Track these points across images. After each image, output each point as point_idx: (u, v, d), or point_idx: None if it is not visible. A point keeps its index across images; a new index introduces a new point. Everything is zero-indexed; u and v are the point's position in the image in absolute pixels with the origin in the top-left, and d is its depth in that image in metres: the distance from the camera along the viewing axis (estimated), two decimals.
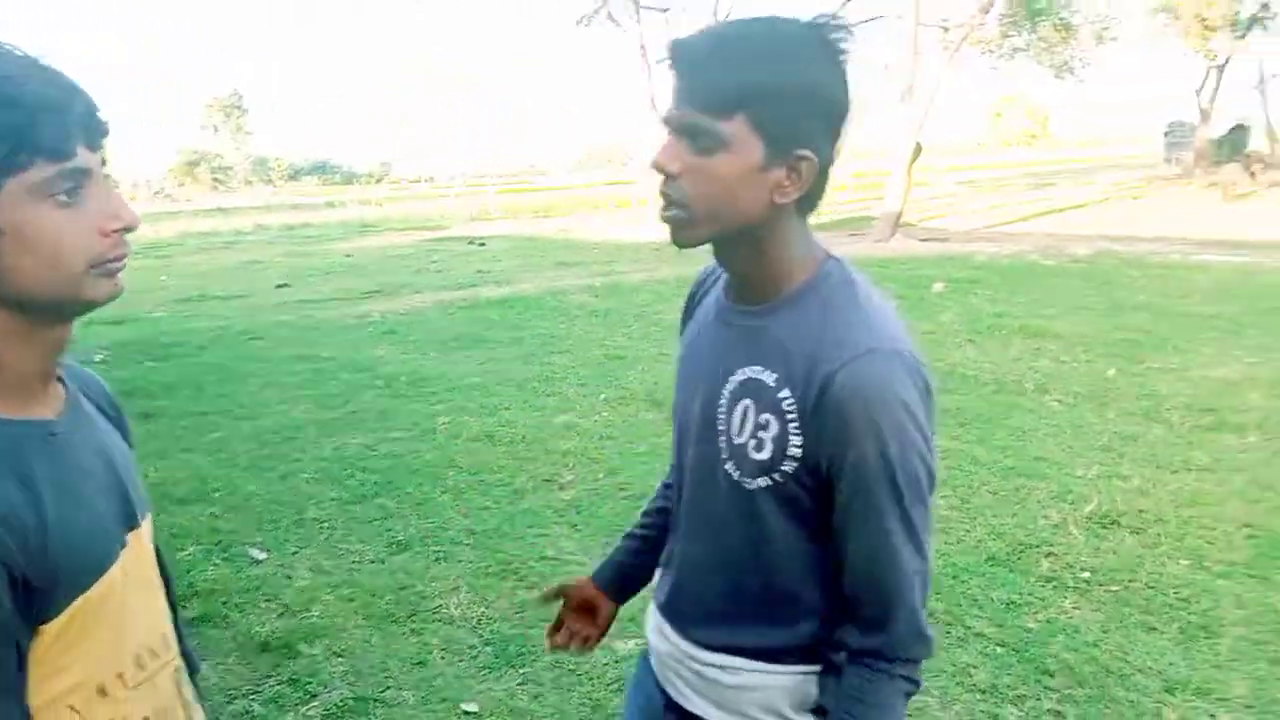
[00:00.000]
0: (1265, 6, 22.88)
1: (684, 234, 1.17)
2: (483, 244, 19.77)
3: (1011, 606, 3.55)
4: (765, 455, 1.17)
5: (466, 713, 3.04)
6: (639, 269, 14.37)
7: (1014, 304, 9.81)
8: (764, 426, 1.17)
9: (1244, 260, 12.32)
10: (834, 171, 1.17)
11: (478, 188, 39.63)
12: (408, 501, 4.80)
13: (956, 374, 6.91)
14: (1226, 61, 24.51)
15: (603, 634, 1.64)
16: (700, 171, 1.11)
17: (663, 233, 1.19)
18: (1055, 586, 3.70)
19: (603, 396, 6.71)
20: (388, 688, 3.18)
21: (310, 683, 3.21)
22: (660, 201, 1.16)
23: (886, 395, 1.11)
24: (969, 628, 3.41)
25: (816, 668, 1.26)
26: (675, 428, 1.37)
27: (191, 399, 7.02)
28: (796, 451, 1.15)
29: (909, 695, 1.22)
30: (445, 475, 5.15)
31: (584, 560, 4.06)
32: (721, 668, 1.30)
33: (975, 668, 3.16)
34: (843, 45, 1.11)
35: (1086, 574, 3.80)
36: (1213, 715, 2.86)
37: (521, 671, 3.26)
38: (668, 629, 1.38)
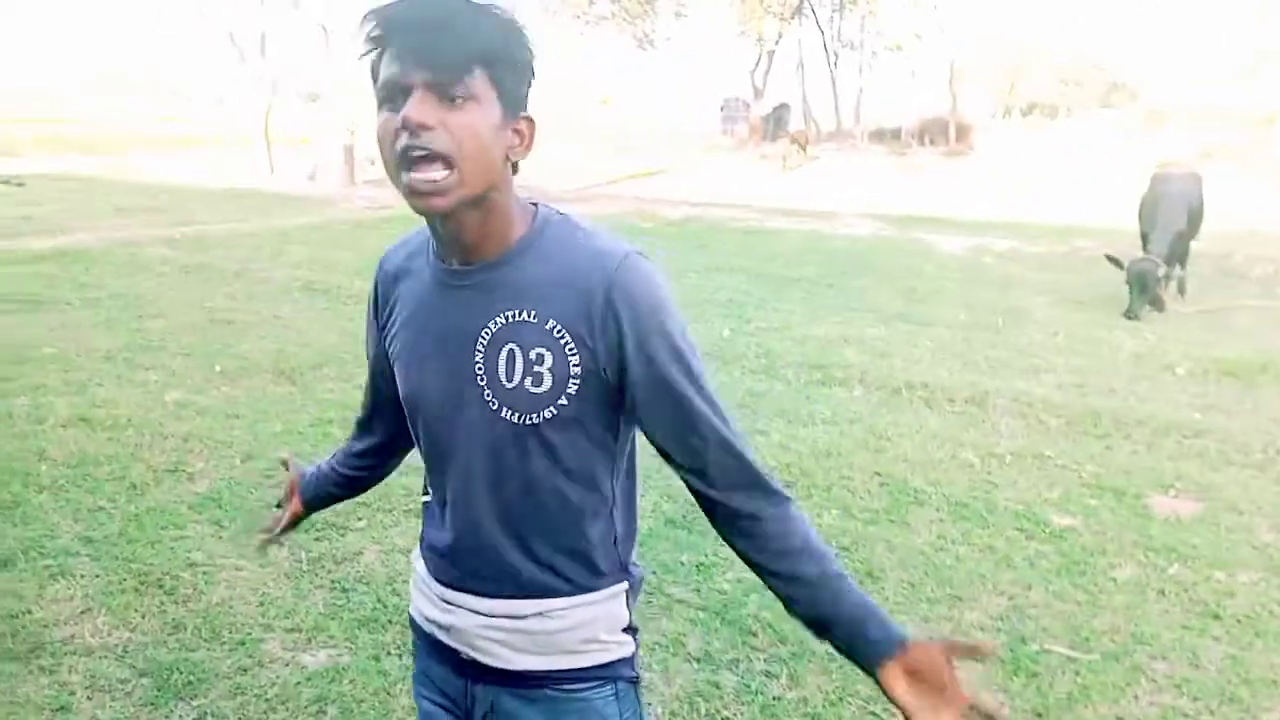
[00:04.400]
0: None
1: (449, 198, 1.16)
2: (21, 184, 16.87)
3: (702, 569, 3.64)
4: (546, 386, 1.23)
5: None
6: (223, 218, 13.08)
7: None
8: (538, 361, 1.22)
9: (808, 228, 13.85)
10: None
11: None
12: None
13: None
14: (777, 43, 27.33)
15: (290, 529, 1.70)
16: (456, 124, 1.13)
17: (240, 177, 1.14)
18: None
19: (218, 369, 5.97)
20: None
21: None
22: (414, 163, 1.14)
23: (658, 288, 1.23)
24: (669, 595, 3.44)
25: (624, 584, 1.37)
26: (415, 415, 1.37)
27: None
28: (577, 371, 1.22)
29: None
30: (37, 470, 4.28)
31: (240, 564, 3.56)
32: (542, 614, 1.33)
33: (685, 635, 3.19)
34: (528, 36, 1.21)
35: None
36: None
37: (195, 704, 2.76)
38: (466, 599, 1.36)
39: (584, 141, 27.20)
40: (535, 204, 1.29)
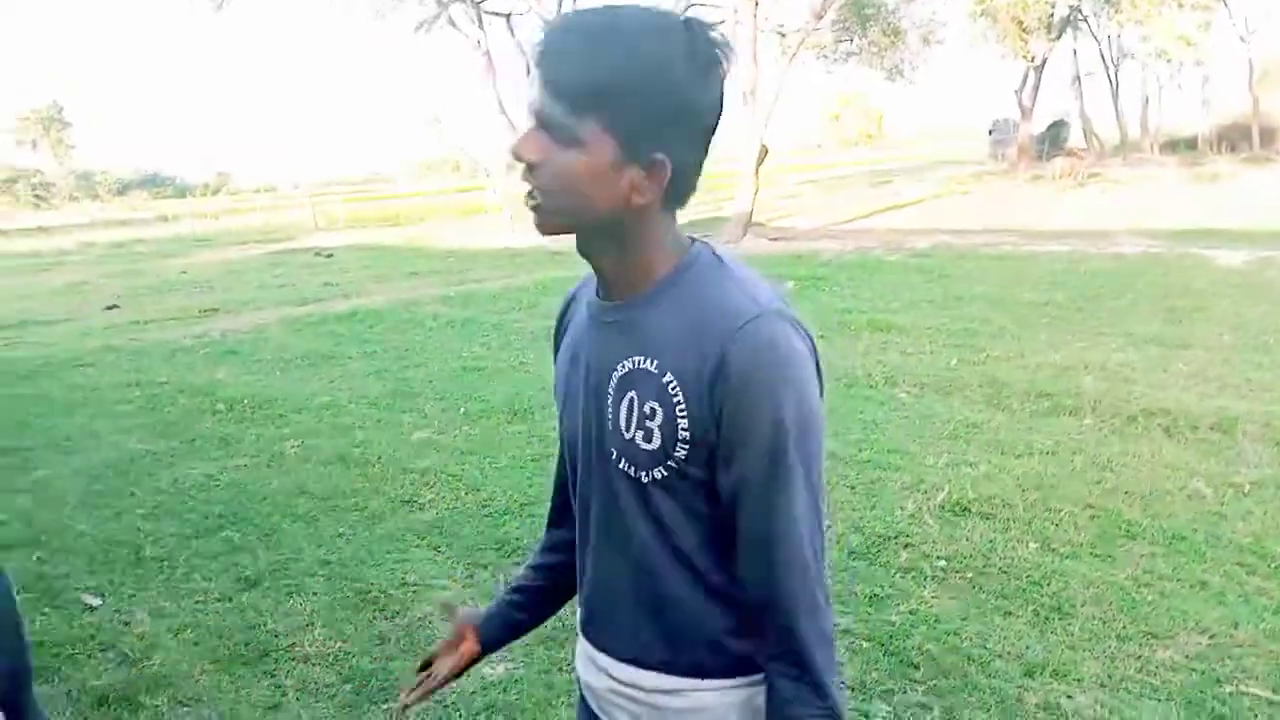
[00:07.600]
0: (1077, 9, 24.33)
1: (539, 222, 1.14)
2: (330, 255, 19.15)
3: (875, 600, 3.61)
4: (655, 445, 1.12)
5: None
6: (495, 276, 14.18)
7: (860, 299, 10.10)
8: (650, 415, 1.12)
9: (1069, 249, 13.06)
10: (706, 169, 1.16)
11: (322, 197, 38.29)
12: (255, 533, 4.55)
13: None
14: (1044, 61, 25.97)
15: (456, 676, 1.50)
16: (554, 164, 1.09)
17: (518, 238, 1.17)
18: (914, 577, 3.78)
19: (462, 410, 6.55)
20: None
21: None
22: (524, 190, 1.13)
23: (782, 355, 1.07)
24: (835, 624, 3.44)
25: (761, 675, 1.18)
26: (569, 454, 1.30)
27: (13, 435, 6.49)
28: (685, 435, 1.10)
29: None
30: (295, 503, 4.91)
31: (447, 585, 3.93)
32: (666, 691, 1.22)
33: (843, 664, 3.19)
34: (714, 55, 1.07)
35: (942, 562, 3.90)
36: (1069, 696, 2.96)
37: (384, 708, 3.11)
38: (600, 658, 1.29)
39: (847, 177, 27.03)
40: (695, 240, 1.19)
